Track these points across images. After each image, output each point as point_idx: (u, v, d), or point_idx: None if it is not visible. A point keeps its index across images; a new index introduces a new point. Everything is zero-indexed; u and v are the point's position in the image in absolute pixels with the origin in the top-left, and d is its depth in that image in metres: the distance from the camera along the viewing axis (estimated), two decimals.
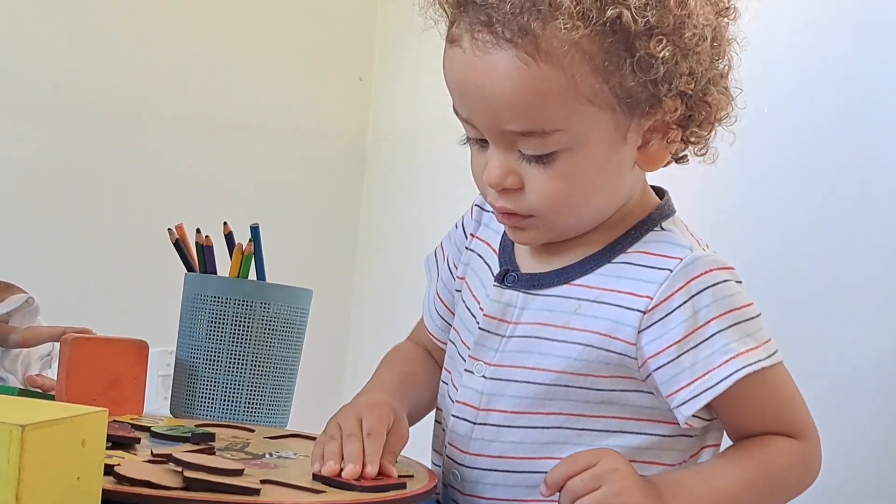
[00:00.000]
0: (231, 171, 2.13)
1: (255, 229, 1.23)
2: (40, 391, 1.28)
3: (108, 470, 0.73)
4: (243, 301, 1.20)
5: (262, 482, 0.78)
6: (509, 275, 0.95)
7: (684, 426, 0.90)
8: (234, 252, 1.23)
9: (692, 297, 0.87)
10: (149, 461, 0.81)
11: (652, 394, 0.90)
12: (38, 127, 1.92)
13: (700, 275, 0.88)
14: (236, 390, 1.19)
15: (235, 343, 1.19)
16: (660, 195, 0.97)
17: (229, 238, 1.26)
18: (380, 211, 2.25)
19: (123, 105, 2.00)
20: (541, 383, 0.91)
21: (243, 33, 2.15)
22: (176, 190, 2.03)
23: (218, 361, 1.20)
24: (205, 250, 1.24)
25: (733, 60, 0.91)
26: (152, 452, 0.84)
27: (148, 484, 0.73)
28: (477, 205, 1.03)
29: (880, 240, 1.22)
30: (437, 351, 1.07)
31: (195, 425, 1.00)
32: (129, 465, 0.76)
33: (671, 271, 0.88)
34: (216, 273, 1.24)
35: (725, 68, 0.90)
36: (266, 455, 0.91)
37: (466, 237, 1.03)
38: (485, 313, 0.94)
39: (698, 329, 0.87)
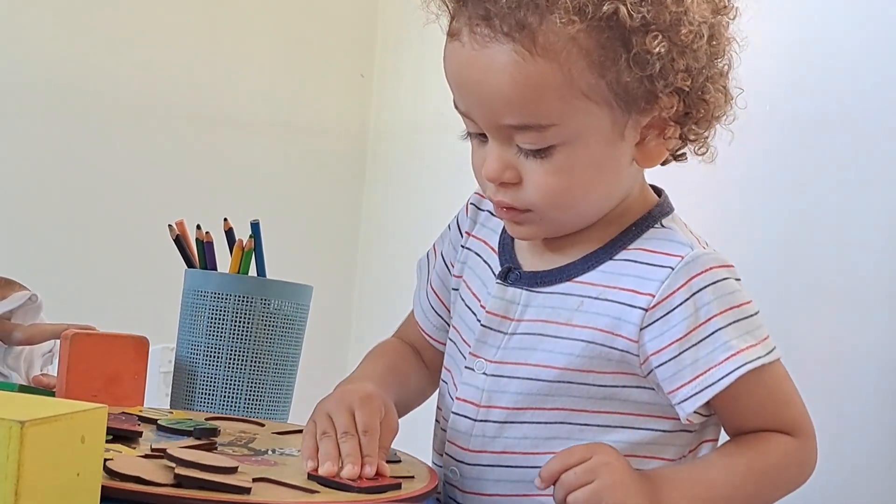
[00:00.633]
0: (232, 168, 2.12)
1: (256, 226, 1.23)
2: (44, 390, 1.28)
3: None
4: (244, 297, 1.20)
5: (257, 480, 0.78)
6: (512, 272, 0.95)
7: (685, 422, 0.90)
8: (235, 248, 1.23)
9: (693, 295, 0.88)
10: (144, 456, 0.81)
11: (653, 390, 0.91)
12: (39, 124, 1.92)
13: (701, 272, 0.88)
14: (237, 386, 1.19)
15: (236, 339, 1.19)
16: (657, 194, 0.97)
17: (230, 234, 1.26)
18: (381, 207, 2.25)
19: (124, 102, 1.99)
20: (543, 380, 0.91)
21: (244, 30, 2.15)
22: (176, 186, 2.02)
23: (218, 358, 1.20)
24: (205, 246, 1.24)
25: (733, 60, 0.91)
26: (151, 447, 0.84)
27: (138, 480, 0.73)
28: (472, 203, 1.03)
29: (880, 239, 1.22)
30: (427, 349, 1.07)
31: (205, 418, 1.00)
32: (122, 461, 0.76)
33: (673, 269, 0.88)
34: (216, 269, 1.24)
35: (725, 67, 0.91)
36: (269, 451, 0.91)
37: (462, 235, 1.03)
38: (487, 310, 0.95)
39: (700, 326, 0.88)
